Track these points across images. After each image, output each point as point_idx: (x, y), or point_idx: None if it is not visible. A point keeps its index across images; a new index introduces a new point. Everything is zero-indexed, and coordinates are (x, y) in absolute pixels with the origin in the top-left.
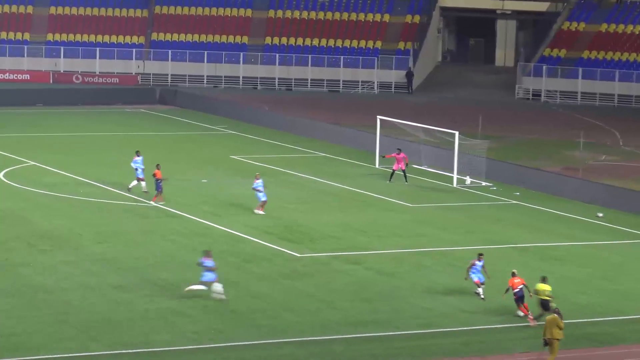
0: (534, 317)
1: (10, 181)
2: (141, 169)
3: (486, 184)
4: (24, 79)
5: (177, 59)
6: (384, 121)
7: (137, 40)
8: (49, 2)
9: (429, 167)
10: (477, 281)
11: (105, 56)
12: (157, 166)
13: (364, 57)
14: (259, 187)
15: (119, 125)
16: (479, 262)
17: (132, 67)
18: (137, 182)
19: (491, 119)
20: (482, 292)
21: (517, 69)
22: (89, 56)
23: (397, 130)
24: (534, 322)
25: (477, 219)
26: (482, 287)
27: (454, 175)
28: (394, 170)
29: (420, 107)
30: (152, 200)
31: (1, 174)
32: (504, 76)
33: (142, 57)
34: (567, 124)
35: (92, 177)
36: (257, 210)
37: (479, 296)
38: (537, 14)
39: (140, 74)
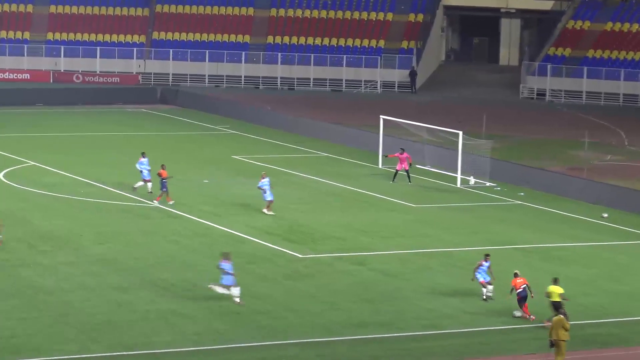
0: (548, 319)
1: (10, 181)
2: (147, 170)
3: (490, 184)
4: (24, 78)
5: (178, 58)
6: (387, 121)
7: (138, 39)
8: (49, 1)
9: (433, 167)
10: (482, 281)
11: (105, 55)
12: (162, 166)
13: (367, 56)
14: (264, 186)
15: (119, 125)
16: (486, 262)
17: (133, 66)
18: (144, 184)
19: (495, 119)
20: (491, 291)
21: (522, 68)
22: (89, 55)
23: (400, 130)
24: (532, 318)
25: (480, 219)
26: (490, 286)
27: (457, 175)
28: (397, 170)
29: (423, 106)
30: (155, 200)
31: (1, 174)
32: (508, 75)
33: (143, 57)
34: (571, 124)
35: (92, 177)
36: (267, 211)
37: (489, 298)
38: (542, 12)
39: (141, 74)
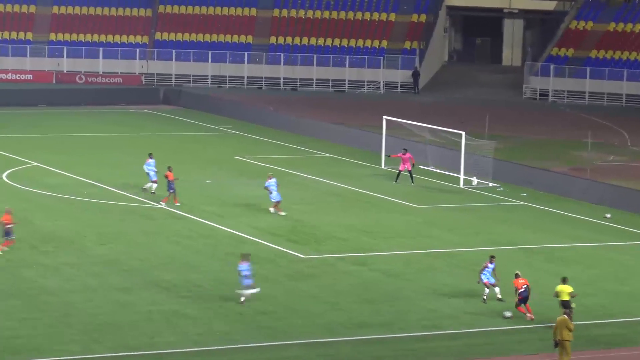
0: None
1: (12, 182)
2: (153, 171)
3: (493, 184)
4: (27, 79)
5: (181, 59)
6: (389, 121)
7: (141, 39)
8: (51, 1)
9: (435, 167)
10: (486, 282)
11: (108, 56)
12: (169, 168)
13: (369, 57)
14: (271, 187)
15: (122, 125)
16: (491, 264)
17: (136, 67)
18: (155, 184)
19: (498, 119)
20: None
21: (524, 68)
22: (92, 56)
23: (403, 130)
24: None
25: (483, 219)
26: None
27: (460, 176)
28: (400, 170)
29: (426, 107)
30: (162, 201)
31: (4, 175)
32: (511, 76)
33: (145, 57)
34: (574, 124)
35: (95, 178)
36: (277, 212)
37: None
38: (545, 13)
39: (143, 74)
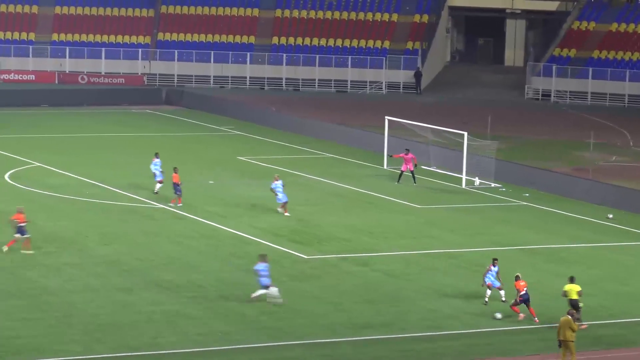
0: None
1: (15, 182)
2: (159, 171)
3: (495, 185)
4: (29, 79)
5: (183, 59)
6: (392, 122)
7: (143, 40)
8: (54, 1)
9: (438, 168)
10: (489, 284)
11: (111, 56)
12: (175, 169)
13: (372, 57)
14: (276, 189)
15: (124, 126)
16: (494, 267)
17: (138, 67)
18: (160, 185)
19: (500, 120)
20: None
21: (527, 68)
22: (94, 56)
23: (405, 130)
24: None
25: (485, 220)
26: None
27: (462, 176)
28: (402, 171)
29: (428, 107)
30: (171, 202)
31: (6, 176)
32: (513, 76)
33: (148, 57)
34: (576, 125)
35: (97, 178)
36: (284, 212)
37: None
38: (547, 13)
39: (146, 74)
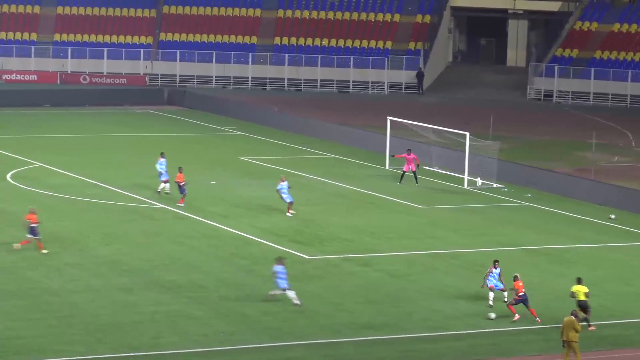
0: (587, 323)
1: (17, 182)
2: (165, 170)
3: (497, 185)
4: (31, 79)
5: (185, 60)
6: (394, 122)
7: (145, 40)
8: (56, 2)
9: (440, 168)
10: (491, 286)
11: (113, 56)
12: (180, 169)
13: (374, 58)
14: (282, 190)
15: (126, 126)
16: (495, 269)
17: (140, 67)
18: (167, 185)
19: (502, 120)
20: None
21: (529, 69)
22: (96, 56)
23: (407, 131)
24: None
25: (488, 220)
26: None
27: (464, 176)
28: (405, 171)
29: (430, 107)
30: (178, 202)
31: (8, 176)
32: (516, 76)
33: (150, 58)
34: (579, 125)
35: (99, 178)
36: (287, 212)
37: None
38: (549, 13)
39: (148, 75)
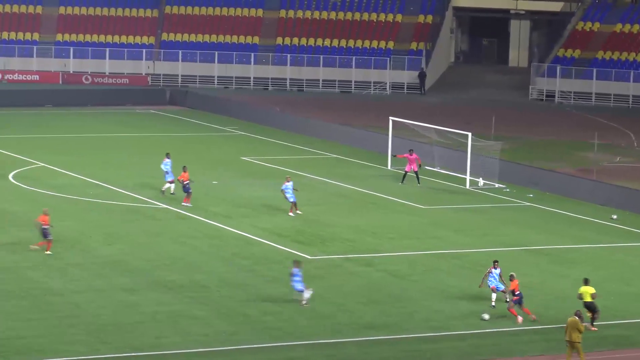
0: (590, 323)
1: (19, 183)
2: (170, 171)
3: (499, 185)
4: (33, 79)
5: (187, 60)
6: (396, 122)
7: (147, 40)
8: (58, 2)
9: (442, 168)
10: (492, 287)
11: (115, 57)
12: (184, 168)
13: (376, 58)
14: (286, 190)
15: (128, 126)
16: (495, 269)
17: (142, 67)
18: (173, 185)
19: (504, 120)
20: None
21: (531, 69)
22: (98, 57)
23: (409, 131)
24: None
25: (490, 221)
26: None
27: (466, 176)
28: (407, 171)
29: (432, 107)
30: (183, 202)
31: (10, 176)
32: (518, 77)
33: (152, 58)
34: (581, 125)
35: (100, 178)
36: (289, 212)
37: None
38: (551, 14)
39: (150, 75)
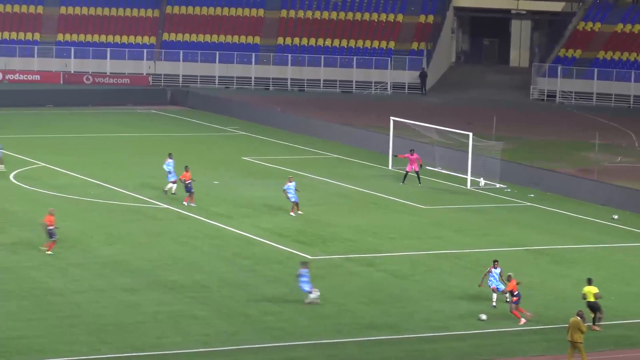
0: (594, 324)
1: (20, 183)
2: (172, 171)
3: (500, 185)
4: (34, 79)
5: (188, 60)
6: (397, 122)
7: (148, 40)
8: (59, 2)
9: (443, 168)
10: (493, 287)
11: (116, 57)
12: (186, 168)
13: (377, 58)
14: (288, 190)
15: (129, 126)
16: (495, 269)
17: (143, 67)
18: (175, 185)
19: (505, 120)
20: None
21: (532, 69)
22: (99, 56)
23: (410, 131)
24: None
25: (491, 221)
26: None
27: (467, 177)
28: (408, 171)
29: (433, 107)
30: (184, 201)
31: (11, 176)
32: (519, 77)
33: (153, 58)
34: (581, 125)
35: (102, 178)
36: (291, 212)
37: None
38: (552, 14)
39: (151, 75)
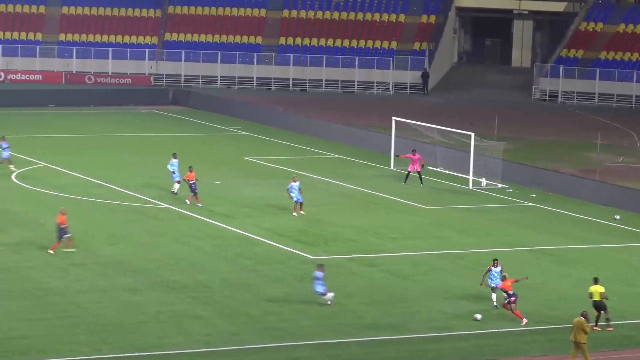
0: (596, 324)
1: (22, 182)
2: (177, 171)
3: (502, 185)
4: (36, 79)
5: (190, 60)
6: (399, 122)
7: (150, 40)
8: (61, 2)
9: (445, 168)
10: (493, 287)
11: (117, 57)
12: (190, 168)
13: (379, 58)
14: (292, 190)
15: (131, 126)
16: (495, 267)
17: (145, 67)
18: (178, 185)
19: (507, 120)
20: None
21: (534, 69)
22: (101, 56)
23: (412, 131)
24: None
25: (493, 221)
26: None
27: (469, 177)
28: (409, 171)
29: (435, 108)
30: (187, 199)
31: (13, 176)
32: (521, 77)
33: (155, 58)
34: (583, 126)
35: (104, 178)
36: (293, 212)
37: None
38: (554, 14)
39: (153, 75)
